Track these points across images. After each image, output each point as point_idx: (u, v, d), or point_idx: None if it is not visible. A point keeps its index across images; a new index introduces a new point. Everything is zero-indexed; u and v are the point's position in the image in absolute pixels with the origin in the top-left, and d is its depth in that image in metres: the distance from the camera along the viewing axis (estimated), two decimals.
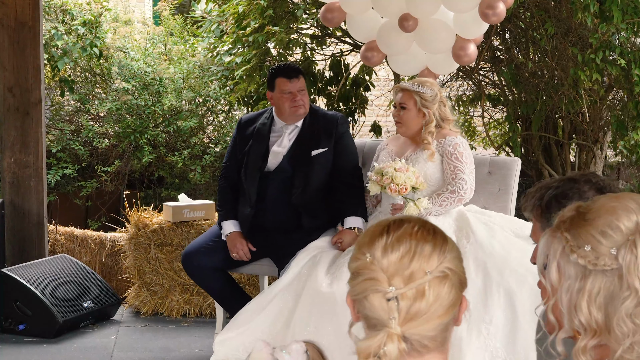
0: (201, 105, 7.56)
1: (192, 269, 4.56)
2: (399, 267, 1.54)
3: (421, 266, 1.54)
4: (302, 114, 4.55)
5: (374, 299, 1.54)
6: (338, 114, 4.69)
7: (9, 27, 5.66)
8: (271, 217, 4.54)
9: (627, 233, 1.65)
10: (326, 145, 4.55)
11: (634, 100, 6.29)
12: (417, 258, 1.55)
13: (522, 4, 6.39)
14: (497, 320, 3.73)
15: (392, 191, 4.14)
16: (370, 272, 1.55)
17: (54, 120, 7.44)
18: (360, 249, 1.60)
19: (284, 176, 4.53)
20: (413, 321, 1.52)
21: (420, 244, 1.56)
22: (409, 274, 1.53)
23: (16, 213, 5.71)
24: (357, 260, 1.59)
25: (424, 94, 4.36)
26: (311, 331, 3.85)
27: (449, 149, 4.35)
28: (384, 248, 1.56)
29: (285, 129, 4.59)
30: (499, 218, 4.26)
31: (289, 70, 4.55)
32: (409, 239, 1.57)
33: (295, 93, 4.51)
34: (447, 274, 1.55)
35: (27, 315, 5.17)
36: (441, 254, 1.57)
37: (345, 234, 4.35)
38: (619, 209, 1.68)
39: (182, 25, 8.18)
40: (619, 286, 1.64)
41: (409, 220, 1.61)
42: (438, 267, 1.55)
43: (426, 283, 1.53)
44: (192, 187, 7.33)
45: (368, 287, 1.55)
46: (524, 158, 7.15)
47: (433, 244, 1.57)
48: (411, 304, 1.52)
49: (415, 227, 1.59)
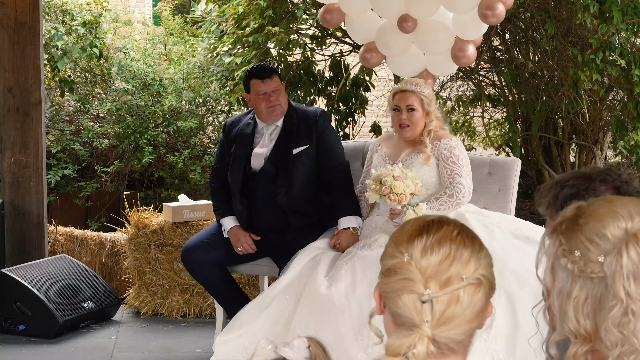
0: (201, 105, 7.56)
1: (191, 264, 4.56)
2: (438, 271, 1.54)
3: (459, 271, 1.54)
4: (280, 113, 4.54)
5: (408, 299, 1.54)
6: (318, 109, 4.66)
7: (9, 28, 5.66)
8: (262, 218, 4.55)
9: (614, 241, 1.63)
10: (307, 142, 4.52)
11: (634, 101, 6.29)
12: (456, 263, 1.55)
13: (522, 4, 6.39)
14: (498, 323, 3.72)
15: (392, 201, 4.11)
16: (407, 272, 1.55)
17: (54, 121, 7.44)
18: (397, 246, 1.58)
19: (268, 177, 4.53)
20: (445, 325, 1.52)
21: (460, 248, 1.56)
22: (447, 278, 1.53)
23: (16, 213, 5.71)
24: (393, 257, 1.58)
25: (425, 94, 4.35)
26: (311, 333, 3.84)
27: (445, 152, 4.31)
28: (423, 249, 1.56)
29: (266, 130, 4.59)
30: (497, 218, 4.25)
31: (261, 70, 4.53)
32: (449, 242, 1.56)
33: (269, 93, 4.49)
34: (482, 280, 1.56)
35: (27, 316, 5.17)
36: (477, 260, 1.57)
37: (341, 236, 4.35)
38: (608, 215, 1.65)
39: (182, 26, 8.19)
40: (606, 295, 1.62)
41: (448, 223, 1.61)
42: (474, 273, 1.55)
43: (462, 289, 1.53)
44: (192, 187, 7.33)
45: (403, 286, 1.54)
46: (524, 158, 7.15)
47: (472, 250, 1.57)
48: (445, 308, 1.52)
49: (455, 231, 1.59)
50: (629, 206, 1.67)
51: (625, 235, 1.63)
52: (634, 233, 1.63)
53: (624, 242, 1.62)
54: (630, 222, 1.64)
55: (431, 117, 4.36)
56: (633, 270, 1.61)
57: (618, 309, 1.61)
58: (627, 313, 1.61)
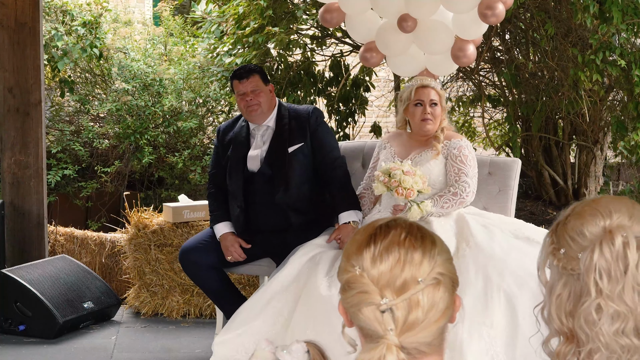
0: (201, 106, 7.56)
1: (188, 265, 4.56)
2: (390, 278, 1.50)
3: (413, 275, 1.50)
4: (259, 113, 4.53)
5: (368, 311, 1.50)
6: (310, 107, 4.66)
7: (9, 28, 5.66)
8: (262, 219, 4.55)
9: (592, 238, 1.64)
10: (301, 140, 4.52)
11: (634, 101, 6.29)
12: (407, 267, 1.50)
13: (522, 4, 6.39)
14: (498, 323, 3.71)
15: (399, 194, 4.13)
16: (361, 285, 1.51)
17: (54, 121, 7.44)
18: (349, 260, 1.55)
19: (265, 178, 4.53)
20: (411, 330, 1.49)
21: (409, 251, 1.51)
22: (401, 284, 1.49)
23: (16, 214, 5.71)
24: (346, 272, 1.55)
25: (440, 91, 4.46)
26: (310, 333, 3.84)
27: (454, 151, 4.35)
28: (372, 259, 1.52)
29: (257, 131, 4.59)
30: (497, 219, 4.25)
31: (241, 71, 4.55)
32: (397, 247, 1.52)
33: (247, 93, 4.49)
34: (440, 279, 1.51)
35: (27, 316, 5.17)
36: (431, 259, 1.52)
37: (342, 230, 4.34)
38: (588, 214, 1.67)
39: (182, 26, 8.19)
40: (582, 292, 1.63)
41: (395, 226, 1.56)
42: (430, 274, 1.51)
43: (420, 292, 1.49)
44: (192, 187, 7.33)
45: (361, 300, 1.51)
46: (524, 159, 7.15)
47: (422, 250, 1.52)
48: (407, 314, 1.49)
49: (403, 234, 1.54)
50: (611, 204, 1.68)
51: (602, 233, 1.64)
52: (610, 230, 1.64)
53: (599, 239, 1.64)
54: (609, 220, 1.66)
55: (444, 114, 4.44)
56: (606, 267, 1.63)
57: (588, 305, 1.62)
58: (597, 310, 1.62)
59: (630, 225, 1.65)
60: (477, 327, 3.68)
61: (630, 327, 1.62)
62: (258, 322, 3.99)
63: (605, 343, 1.62)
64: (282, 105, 4.62)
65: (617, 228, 1.64)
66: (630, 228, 1.65)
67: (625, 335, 1.61)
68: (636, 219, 1.66)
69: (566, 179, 7.21)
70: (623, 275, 1.62)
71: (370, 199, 4.52)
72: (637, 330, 1.62)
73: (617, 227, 1.64)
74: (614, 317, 1.61)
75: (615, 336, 1.61)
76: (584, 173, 7.21)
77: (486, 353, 3.66)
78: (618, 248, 1.62)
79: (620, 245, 1.62)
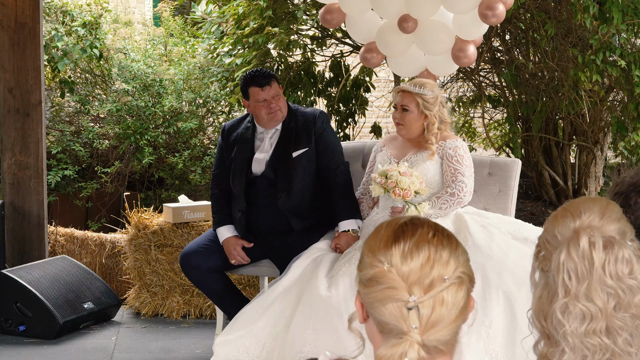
0: (201, 106, 7.56)
1: (190, 269, 4.55)
2: (420, 276, 1.50)
3: (440, 273, 1.51)
4: (281, 118, 4.51)
5: (393, 307, 1.50)
6: (317, 111, 4.64)
7: (9, 29, 5.66)
8: (263, 221, 4.55)
9: (562, 240, 1.66)
10: (306, 145, 4.51)
11: (634, 102, 6.29)
12: (437, 265, 1.51)
13: (522, 5, 6.39)
14: (497, 323, 3.72)
15: (397, 195, 4.12)
16: (390, 280, 1.51)
17: (54, 122, 7.44)
18: (375, 255, 1.54)
19: (268, 181, 4.52)
20: (433, 328, 1.50)
21: (438, 249, 1.52)
22: (429, 282, 1.50)
23: (16, 214, 5.71)
24: (372, 267, 1.54)
25: (425, 96, 4.32)
26: (310, 334, 3.85)
27: (450, 152, 4.32)
28: (402, 255, 1.52)
29: (266, 134, 4.57)
30: (496, 219, 4.25)
31: (260, 77, 4.47)
32: (427, 245, 1.53)
33: (270, 100, 4.46)
34: (463, 278, 1.53)
35: (27, 317, 5.17)
36: (456, 258, 1.53)
37: (341, 238, 4.34)
38: (561, 215, 1.69)
39: (182, 27, 8.19)
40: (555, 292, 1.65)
41: (421, 224, 1.57)
42: (455, 272, 1.52)
43: (445, 290, 1.50)
44: (192, 188, 7.33)
45: (387, 295, 1.51)
46: (524, 159, 7.15)
47: (450, 249, 1.53)
48: (432, 312, 1.49)
49: (431, 233, 1.55)
50: (583, 205, 1.70)
51: (574, 234, 1.66)
52: (577, 230, 1.66)
53: (567, 240, 1.65)
54: (578, 221, 1.68)
55: (431, 120, 4.33)
56: (574, 267, 1.64)
57: (557, 305, 1.64)
58: (565, 310, 1.63)
59: (600, 226, 1.66)
60: (476, 327, 3.68)
61: (602, 327, 1.62)
62: (260, 323, 4.00)
63: (573, 344, 1.62)
64: (290, 108, 4.60)
65: (584, 229, 1.65)
66: (599, 228, 1.66)
67: (596, 335, 1.62)
68: (608, 218, 1.67)
69: (566, 179, 7.21)
70: (590, 275, 1.63)
71: (369, 204, 4.51)
72: (609, 331, 1.63)
73: (585, 227, 1.66)
74: (585, 317, 1.62)
75: (586, 336, 1.62)
76: (584, 173, 7.21)
77: (485, 352, 3.67)
78: (583, 248, 1.63)
79: (586, 245, 1.63)
